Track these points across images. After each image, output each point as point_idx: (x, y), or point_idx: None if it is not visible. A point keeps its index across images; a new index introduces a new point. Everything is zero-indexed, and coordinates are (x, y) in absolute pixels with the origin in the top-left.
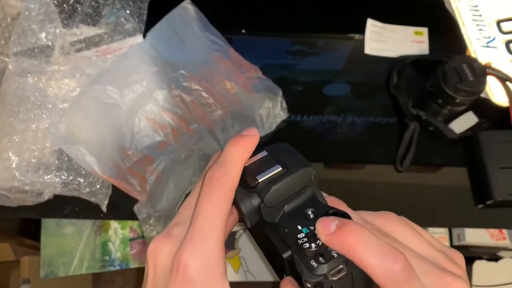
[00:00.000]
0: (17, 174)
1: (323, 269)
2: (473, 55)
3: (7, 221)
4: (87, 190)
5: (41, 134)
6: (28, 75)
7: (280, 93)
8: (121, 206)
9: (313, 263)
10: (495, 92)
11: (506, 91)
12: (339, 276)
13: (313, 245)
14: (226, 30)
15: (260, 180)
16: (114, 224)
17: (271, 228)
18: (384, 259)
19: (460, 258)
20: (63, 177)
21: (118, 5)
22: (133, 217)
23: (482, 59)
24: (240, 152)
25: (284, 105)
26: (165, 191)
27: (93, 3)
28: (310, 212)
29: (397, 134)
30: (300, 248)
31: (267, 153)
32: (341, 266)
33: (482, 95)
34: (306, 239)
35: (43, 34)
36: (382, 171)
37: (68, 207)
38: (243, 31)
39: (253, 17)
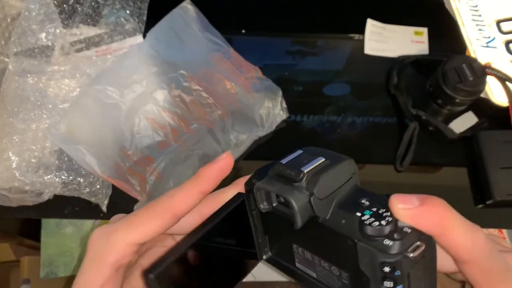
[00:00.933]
0: (17, 174)
1: (401, 246)
2: (472, 55)
3: (7, 221)
4: (87, 190)
5: (41, 134)
6: (28, 75)
7: (280, 93)
8: (121, 206)
9: (388, 242)
10: (495, 92)
11: (506, 91)
12: (417, 253)
13: (383, 222)
14: (226, 30)
15: (306, 171)
16: None
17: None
18: (471, 230)
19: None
20: (63, 177)
21: (118, 5)
22: None
23: (482, 59)
24: (197, 184)
25: (284, 105)
26: (165, 191)
27: (93, 3)
28: (364, 201)
29: (397, 134)
30: (369, 230)
31: (302, 151)
32: (418, 242)
33: (482, 95)
34: (374, 218)
35: (43, 34)
36: (382, 171)
37: (68, 207)
38: (243, 31)
39: (253, 17)
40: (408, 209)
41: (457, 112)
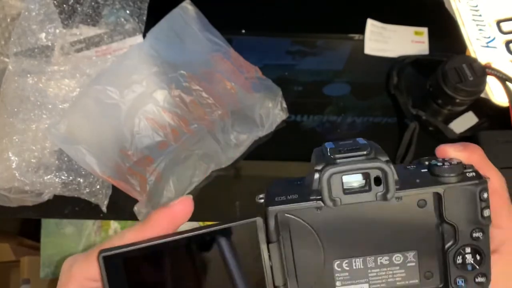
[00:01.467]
0: (17, 174)
1: (479, 173)
2: (473, 55)
3: (7, 221)
4: (87, 190)
5: (41, 134)
6: (28, 75)
7: (280, 93)
8: (121, 206)
9: (471, 174)
10: (495, 92)
11: (506, 91)
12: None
13: (454, 161)
14: (226, 30)
15: (368, 143)
16: (114, 224)
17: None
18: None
19: None
20: (63, 177)
21: (118, 5)
22: (133, 217)
23: (482, 59)
24: (144, 231)
25: (284, 105)
26: (165, 191)
27: (93, 3)
28: (410, 166)
29: (397, 134)
30: (448, 170)
31: (332, 142)
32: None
33: (482, 95)
34: (446, 163)
35: (43, 35)
36: None
37: (68, 207)
38: (243, 31)
39: (253, 17)
40: (461, 151)
41: (457, 112)
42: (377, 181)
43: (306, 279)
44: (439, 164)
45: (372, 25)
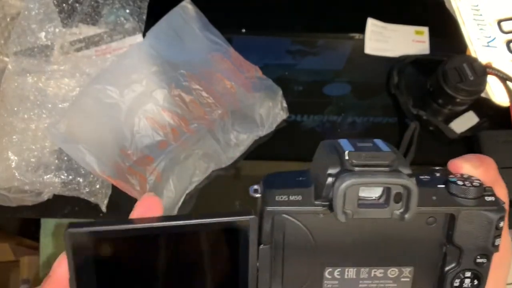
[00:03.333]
0: (16, 174)
1: (499, 199)
2: (473, 54)
3: (6, 221)
4: (87, 190)
5: (40, 134)
6: (28, 74)
7: (280, 92)
8: (121, 206)
9: (490, 198)
10: (495, 92)
11: (506, 91)
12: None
13: (475, 183)
14: (226, 30)
15: (393, 152)
16: None
17: None
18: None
19: None
20: (62, 176)
21: (117, 4)
22: None
23: (483, 59)
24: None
25: (284, 105)
26: (165, 191)
27: (92, 2)
28: (423, 177)
29: (397, 134)
30: (473, 193)
31: (346, 139)
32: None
33: (483, 94)
34: (466, 182)
35: (43, 34)
36: None
37: (68, 207)
38: (243, 31)
39: (253, 17)
40: (478, 167)
41: (457, 112)
42: (397, 197)
43: (292, 284)
44: (458, 183)
45: (372, 25)
